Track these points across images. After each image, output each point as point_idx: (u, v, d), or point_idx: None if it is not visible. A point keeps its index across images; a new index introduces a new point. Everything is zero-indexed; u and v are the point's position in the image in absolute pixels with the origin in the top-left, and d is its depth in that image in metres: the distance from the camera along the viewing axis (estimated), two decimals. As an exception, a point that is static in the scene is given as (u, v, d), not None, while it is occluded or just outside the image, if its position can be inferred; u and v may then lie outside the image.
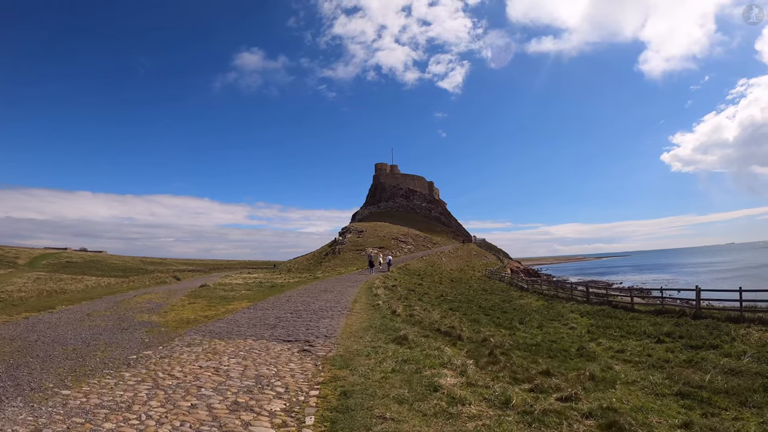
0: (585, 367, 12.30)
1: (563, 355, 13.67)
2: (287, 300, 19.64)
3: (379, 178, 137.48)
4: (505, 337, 15.40)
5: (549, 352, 13.83)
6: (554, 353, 13.79)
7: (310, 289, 26.10)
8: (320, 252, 75.02)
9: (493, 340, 13.45)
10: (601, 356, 14.03)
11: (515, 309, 24.66)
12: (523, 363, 10.49)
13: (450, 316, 18.99)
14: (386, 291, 23.55)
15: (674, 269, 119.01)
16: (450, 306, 24.46)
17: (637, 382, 11.01)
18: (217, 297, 21.09)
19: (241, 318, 13.94)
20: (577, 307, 25.05)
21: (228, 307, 17.06)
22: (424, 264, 60.14)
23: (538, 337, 16.69)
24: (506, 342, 13.02)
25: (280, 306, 17.37)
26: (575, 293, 29.44)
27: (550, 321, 21.04)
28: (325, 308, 16.46)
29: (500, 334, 15.73)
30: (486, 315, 22.06)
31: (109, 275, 65.36)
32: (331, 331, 11.48)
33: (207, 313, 15.36)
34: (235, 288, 26.86)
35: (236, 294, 22.90)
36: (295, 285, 29.61)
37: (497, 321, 20.07)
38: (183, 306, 17.68)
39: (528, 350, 13.41)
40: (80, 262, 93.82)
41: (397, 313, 15.21)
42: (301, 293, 23.28)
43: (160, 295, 23.15)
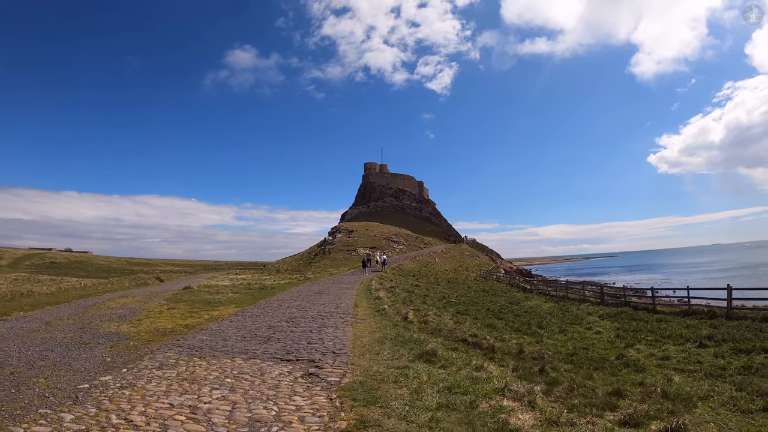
0: (638, 378, 10.47)
1: (606, 365, 11.76)
2: (279, 304, 17.44)
3: (368, 178, 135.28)
4: (533, 345, 13.44)
5: (590, 362, 11.90)
6: (595, 363, 11.87)
7: (303, 291, 23.90)
8: (310, 252, 72.63)
9: (526, 350, 11.47)
10: (648, 365, 12.19)
11: (526, 312, 22.77)
12: (581, 380, 8.51)
13: (463, 321, 16.98)
14: (388, 293, 21.48)
15: (665, 269, 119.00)
16: (457, 309, 22.47)
17: (710, 397, 9.14)
18: (201, 301, 18.79)
19: (228, 328, 11.73)
20: (594, 309, 23.28)
21: (212, 314, 14.80)
22: (418, 264, 58.21)
23: (568, 344, 14.78)
24: (544, 352, 11.04)
25: (272, 312, 15.17)
26: (587, 294, 27.68)
27: (571, 325, 19.18)
28: (325, 314, 14.32)
29: (527, 342, 13.78)
30: (498, 319, 20.12)
31: (92, 276, 62.32)
32: (338, 344, 9.36)
33: (188, 322, 13.11)
34: (222, 290, 24.52)
35: (222, 298, 20.60)
36: (286, 287, 27.35)
37: (514, 326, 18.13)
38: (161, 312, 15.38)
39: (569, 361, 11.47)
40: (64, 263, 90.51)
41: (409, 320, 13.16)
42: (294, 296, 21.08)
43: (138, 298, 20.77)
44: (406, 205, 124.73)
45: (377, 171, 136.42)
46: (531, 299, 29.14)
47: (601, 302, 25.13)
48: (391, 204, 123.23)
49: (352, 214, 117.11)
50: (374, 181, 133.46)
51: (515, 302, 27.28)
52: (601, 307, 23.65)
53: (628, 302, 23.90)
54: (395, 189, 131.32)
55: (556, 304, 26.18)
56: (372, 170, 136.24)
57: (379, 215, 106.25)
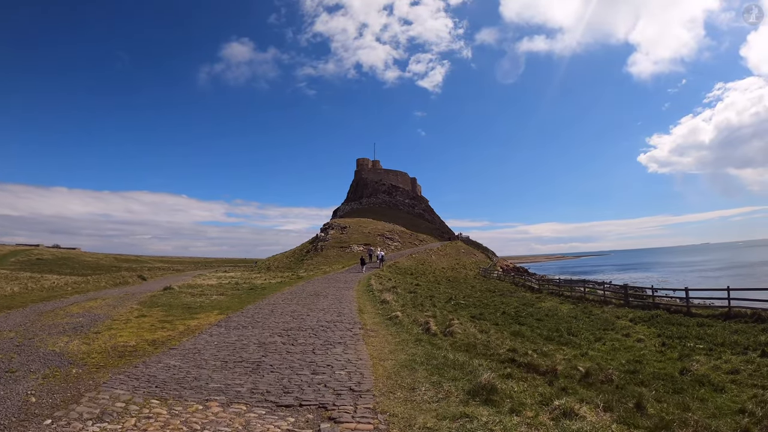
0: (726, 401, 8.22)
1: (679, 384, 9.46)
2: (272, 310, 14.89)
3: (360, 174, 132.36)
4: (579, 359, 11.12)
5: (656, 380, 9.62)
6: (664, 382, 9.59)
7: (297, 292, 21.37)
8: (301, 249, 69.93)
9: (582, 368, 9.11)
10: (720, 382, 9.96)
11: (547, 315, 20.49)
12: (680, 413, 6.14)
13: (487, 329, 14.58)
14: (394, 296, 19.05)
15: (659, 268, 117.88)
16: (470, 313, 20.12)
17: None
18: (180, 306, 16.17)
19: (206, 346, 9.18)
20: (620, 311, 21.05)
21: (190, 324, 12.23)
22: (414, 262, 55.89)
23: (617, 356, 12.50)
24: (611, 373, 8.70)
25: (263, 320, 12.63)
26: (608, 295, 25.46)
27: (604, 331, 16.92)
28: (327, 324, 11.84)
29: (573, 356, 11.45)
30: (520, 324, 17.79)
31: (77, 273, 59.27)
32: (355, 374, 6.87)
33: (157, 335, 10.54)
34: (206, 291, 21.89)
35: (205, 300, 18.00)
36: (278, 287, 24.79)
37: (542, 333, 15.81)
38: (127, 321, 12.77)
39: (637, 382, 9.17)
40: (51, 260, 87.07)
41: (431, 331, 10.74)
42: (287, 298, 18.55)
43: (109, 301, 18.10)
44: (399, 202, 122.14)
45: (370, 167, 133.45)
46: (544, 300, 26.89)
47: (626, 304, 22.95)
48: (384, 200, 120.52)
49: (344, 211, 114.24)
50: (367, 177, 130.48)
51: (528, 303, 25.01)
52: (627, 310, 21.44)
53: (657, 304, 21.73)
54: (388, 185, 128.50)
55: (575, 306, 23.96)
56: (364, 166, 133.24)
57: (372, 211, 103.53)
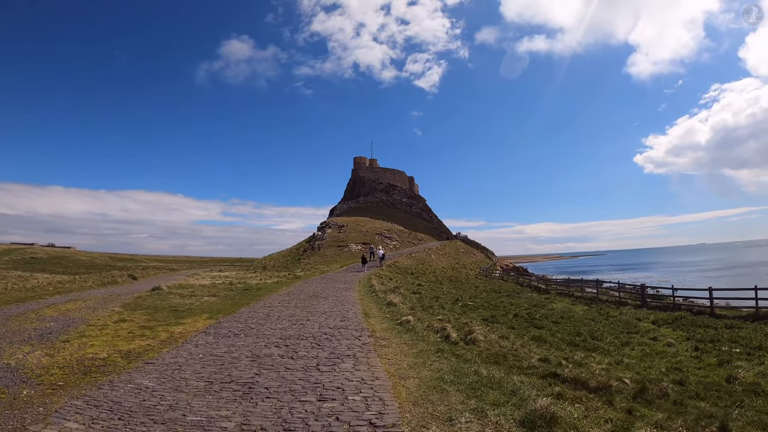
0: None
1: (734, 395, 8.12)
2: (267, 314, 13.45)
3: (357, 172, 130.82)
4: (615, 368, 9.75)
5: (708, 391, 8.29)
6: (718, 393, 8.25)
7: (295, 293, 19.94)
8: (298, 248, 68.38)
9: (627, 380, 7.76)
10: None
11: (563, 317, 19.15)
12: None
13: (507, 335, 13.19)
14: (400, 297, 17.66)
15: (658, 268, 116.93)
16: (480, 315, 18.76)
17: None
18: (166, 308, 14.70)
19: (189, 360, 7.74)
20: (641, 313, 19.73)
21: (174, 331, 10.77)
22: (414, 261, 54.50)
23: (655, 363, 11.18)
24: (666, 387, 7.36)
25: (257, 326, 11.19)
26: (623, 296, 24.15)
27: (628, 334, 15.60)
28: (330, 330, 10.43)
29: (608, 363, 10.08)
30: (537, 327, 16.44)
31: (70, 272, 57.52)
32: (373, 399, 5.46)
33: (133, 345, 9.09)
34: (197, 292, 20.41)
35: (195, 303, 16.52)
36: (274, 287, 23.33)
37: (563, 337, 14.47)
38: (104, 326, 11.31)
39: (692, 395, 7.85)
40: (45, 258, 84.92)
41: (451, 339, 9.35)
42: (284, 300, 17.12)
43: (90, 303, 16.61)
44: (396, 201, 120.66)
45: (367, 165, 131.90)
46: (554, 301, 25.57)
47: (643, 305, 21.66)
48: (382, 199, 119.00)
49: (341, 209, 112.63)
50: (364, 175, 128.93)
51: (539, 305, 23.68)
52: (647, 311, 20.15)
53: (678, 304, 20.44)
54: (385, 184, 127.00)
55: (588, 307, 22.64)
56: (362, 164, 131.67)
57: (370, 210, 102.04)
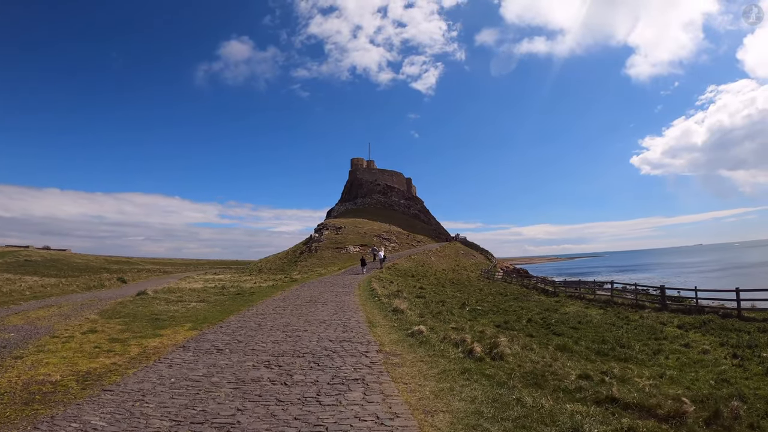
0: None
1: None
2: (259, 323, 11.95)
3: (355, 174, 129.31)
4: (659, 381, 8.32)
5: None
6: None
7: (291, 298, 18.45)
8: (295, 250, 66.81)
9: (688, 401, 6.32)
10: None
11: (580, 323, 17.71)
12: None
13: (532, 345, 11.73)
14: (406, 303, 16.19)
15: (657, 269, 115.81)
16: (492, 321, 17.33)
17: None
18: (146, 316, 13.18)
19: (157, 385, 6.25)
20: (664, 316, 18.30)
21: (148, 345, 9.27)
22: (414, 264, 53.01)
23: (700, 374, 9.76)
24: (737, 408, 5.95)
25: (245, 339, 9.68)
26: (640, 298, 22.71)
27: (656, 341, 14.17)
28: (332, 345, 8.95)
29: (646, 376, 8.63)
30: (556, 334, 15.02)
31: (64, 275, 55.78)
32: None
33: (96, 363, 7.59)
34: (184, 297, 18.89)
35: (180, 309, 15.00)
36: (269, 291, 21.84)
37: (588, 345, 13.02)
38: (70, 338, 9.80)
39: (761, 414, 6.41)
40: (40, 261, 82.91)
41: (475, 354, 7.88)
42: (279, 306, 15.63)
43: (64, 309, 15.10)
44: (394, 202, 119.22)
45: (364, 167, 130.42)
46: (566, 304, 24.15)
47: (663, 308, 20.26)
48: (379, 201, 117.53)
49: (338, 211, 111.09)
50: (361, 177, 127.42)
51: (551, 309, 22.26)
52: (669, 315, 18.74)
53: (701, 307, 19.04)
54: (383, 185, 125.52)
55: (604, 311, 21.22)
56: (359, 166, 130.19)
57: (367, 212, 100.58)
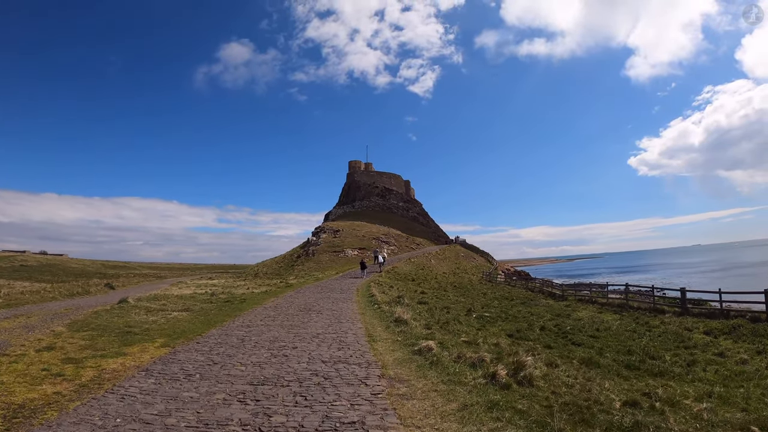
0: None
1: None
2: (242, 338, 10.48)
3: (353, 176, 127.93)
4: (709, 402, 6.94)
5: None
6: None
7: (283, 306, 17.01)
8: (292, 254, 65.28)
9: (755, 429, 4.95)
10: None
11: (598, 330, 16.34)
12: None
13: (556, 361, 10.36)
14: (409, 311, 14.77)
15: (658, 270, 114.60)
16: (502, 329, 15.93)
17: None
18: (117, 329, 11.73)
19: (98, 429, 4.82)
20: (687, 322, 16.94)
21: (107, 365, 7.83)
22: (414, 267, 51.57)
23: (751, 390, 8.35)
24: None
25: (222, 360, 8.22)
26: (658, 301, 21.32)
27: (686, 350, 12.82)
28: (324, 368, 7.54)
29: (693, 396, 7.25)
30: (574, 344, 13.65)
31: (58, 280, 54.18)
32: None
33: (35, 393, 6.15)
34: (168, 305, 17.43)
35: (159, 320, 13.53)
36: (261, 298, 20.39)
37: (614, 357, 11.66)
38: (21, 356, 8.35)
39: None
40: (35, 266, 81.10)
41: (498, 379, 6.49)
42: (269, 316, 14.19)
43: (32, 320, 13.66)
44: (393, 205, 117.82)
45: (362, 169, 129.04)
46: (577, 309, 22.78)
47: (684, 312, 18.91)
48: (378, 203, 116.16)
49: (336, 214, 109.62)
50: (359, 179, 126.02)
51: (562, 314, 20.89)
52: (693, 320, 17.38)
53: (726, 311, 17.69)
54: (381, 188, 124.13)
55: (620, 316, 19.88)
56: (357, 168, 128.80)
57: (365, 215, 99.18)
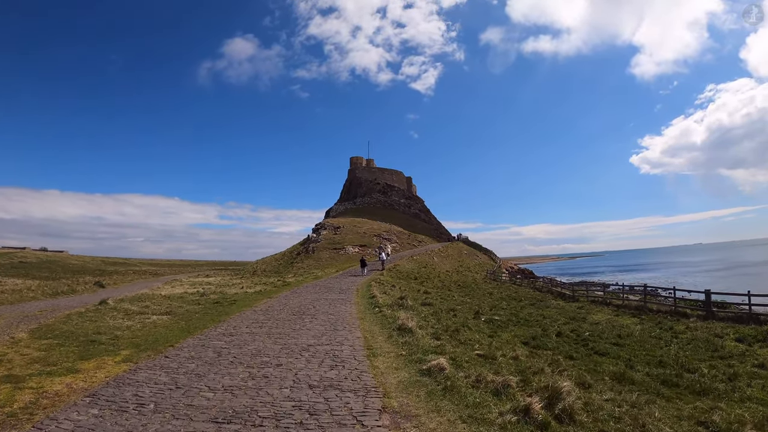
0: None
1: None
2: (219, 351, 9.03)
3: (354, 173, 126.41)
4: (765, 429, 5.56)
5: None
6: None
7: (275, 308, 15.59)
8: (291, 251, 63.95)
9: None
10: None
11: (620, 336, 14.93)
12: None
13: (586, 379, 8.96)
14: (414, 317, 13.36)
15: (661, 269, 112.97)
16: (515, 335, 14.53)
17: None
18: (82, 337, 10.35)
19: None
20: (715, 327, 15.49)
21: (52, 386, 6.44)
22: (416, 265, 50.11)
23: None
24: None
25: (188, 384, 6.77)
26: (679, 304, 19.81)
27: (722, 360, 11.42)
28: (310, 396, 6.14)
29: (752, 423, 5.88)
30: (599, 354, 12.25)
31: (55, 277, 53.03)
32: None
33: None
34: (150, 308, 16.05)
35: (132, 326, 12.14)
36: (254, 299, 19.01)
37: (648, 371, 10.25)
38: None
39: None
40: (35, 263, 79.96)
41: (533, 414, 5.08)
42: (257, 321, 12.78)
43: (0, 324, 12.31)
44: (394, 202, 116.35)
45: (364, 165, 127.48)
46: (591, 312, 21.37)
47: (709, 315, 17.50)
48: (379, 200, 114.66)
49: (337, 211, 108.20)
50: (361, 176, 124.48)
51: (577, 317, 19.48)
52: (720, 324, 15.95)
53: (756, 315, 16.25)
54: (383, 184, 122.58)
55: (638, 319, 18.48)
56: (358, 164, 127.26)
57: (367, 211, 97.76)
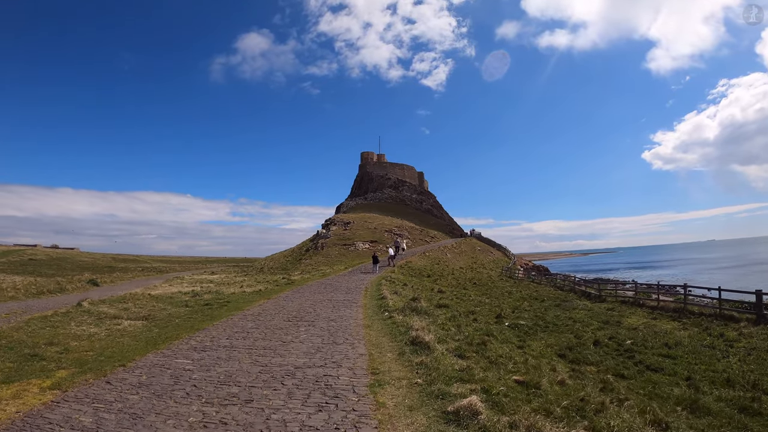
0: None
1: None
2: (178, 376, 7.18)
3: (365, 168, 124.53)
4: None
5: None
6: None
7: (270, 312, 13.80)
8: (300, 248, 62.44)
9: None
10: None
11: (668, 346, 12.95)
12: None
13: (660, 416, 7.07)
14: (429, 325, 11.48)
15: (676, 266, 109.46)
16: (548, 345, 12.64)
17: None
18: (26, 350, 8.71)
19: None
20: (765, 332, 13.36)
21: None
22: (429, 261, 48.23)
23: None
24: None
25: (131, 420, 5.05)
26: (725, 306, 17.53)
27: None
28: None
29: None
30: (651, 370, 10.34)
31: (62, 274, 52.45)
32: None
33: None
34: (129, 310, 14.42)
35: (96, 334, 10.48)
36: (250, 299, 17.29)
37: (720, 395, 8.30)
38: None
39: None
40: (44, 260, 79.93)
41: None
42: (243, 330, 11.01)
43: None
44: (406, 197, 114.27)
45: (375, 160, 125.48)
46: (624, 314, 19.31)
47: (760, 319, 15.36)
48: (390, 195, 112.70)
49: (348, 206, 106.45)
50: (371, 171, 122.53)
51: (610, 321, 17.46)
52: None
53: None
54: (394, 179, 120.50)
55: (680, 323, 16.44)
56: (369, 160, 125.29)
57: (378, 207, 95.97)
